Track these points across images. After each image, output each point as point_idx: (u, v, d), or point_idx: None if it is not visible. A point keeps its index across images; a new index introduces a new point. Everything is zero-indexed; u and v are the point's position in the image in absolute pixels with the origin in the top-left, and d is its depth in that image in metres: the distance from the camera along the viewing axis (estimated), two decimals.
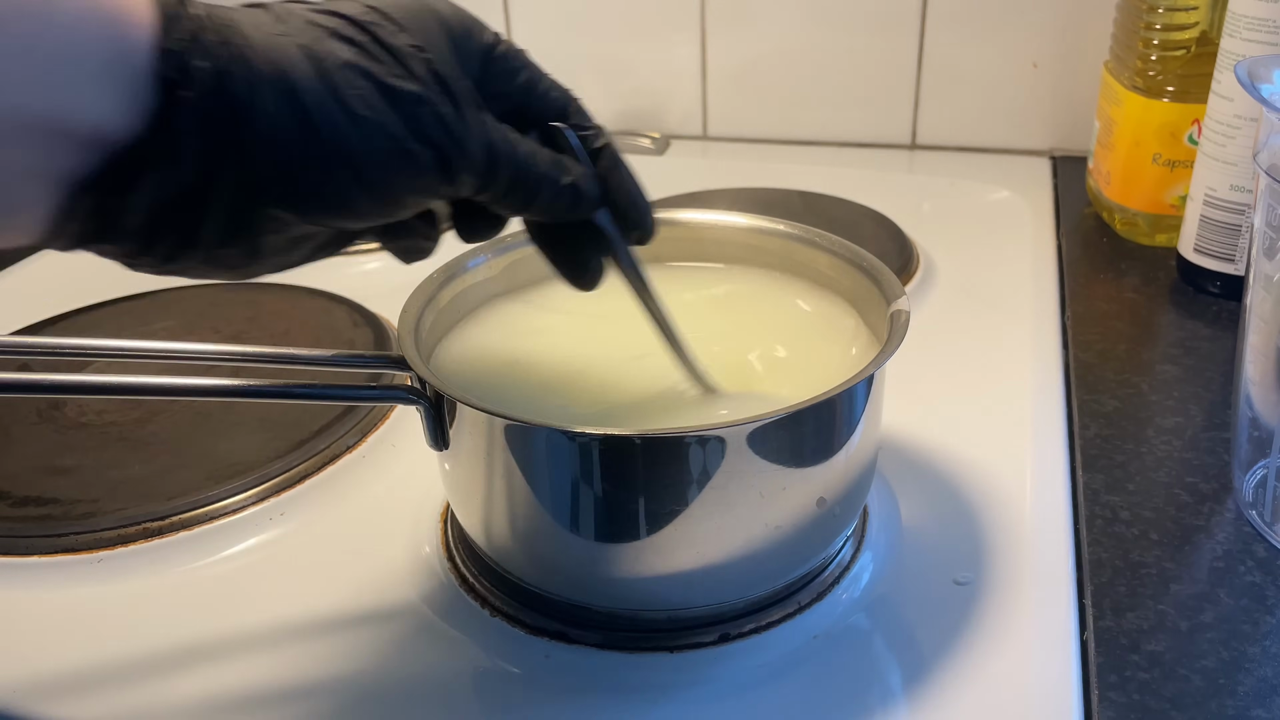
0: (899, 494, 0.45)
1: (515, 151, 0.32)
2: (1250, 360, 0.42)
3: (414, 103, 0.29)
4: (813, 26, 0.86)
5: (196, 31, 0.26)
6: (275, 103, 0.27)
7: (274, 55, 0.27)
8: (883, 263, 0.42)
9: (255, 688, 0.37)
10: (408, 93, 0.28)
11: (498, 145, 0.31)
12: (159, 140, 0.26)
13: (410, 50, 0.29)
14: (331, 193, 0.28)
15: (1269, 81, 0.40)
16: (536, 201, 0.33)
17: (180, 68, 0.26)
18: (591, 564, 0.36)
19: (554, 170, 0.33)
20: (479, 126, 0.30)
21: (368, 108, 0.28)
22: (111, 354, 0.36)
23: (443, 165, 0.30)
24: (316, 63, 0.27)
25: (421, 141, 0.29)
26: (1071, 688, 0.35)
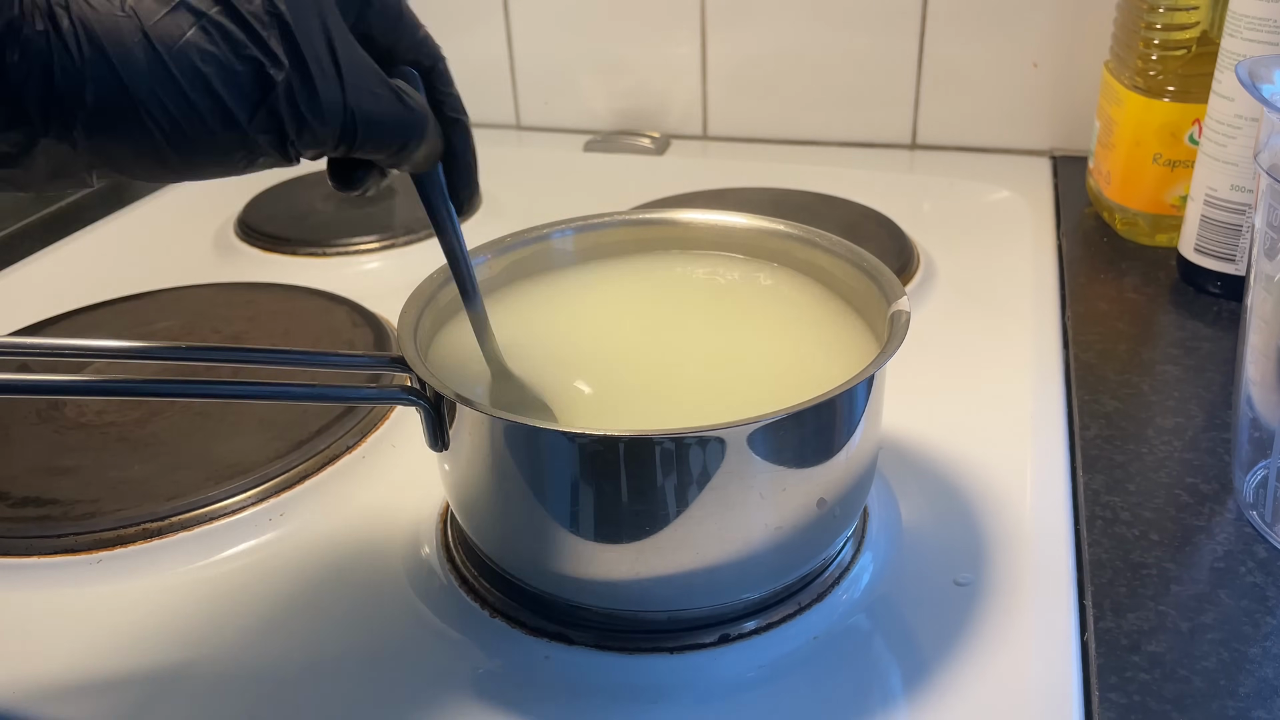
0: (899, 494, 0.45)
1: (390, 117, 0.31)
2: (1251, 361, 0.42)
3: (260, 88, 0.28)
4: (813, 26, 0.86)
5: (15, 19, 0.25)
6: (100, 86, 0.26)
7: (106, 40, 0.26)
8: (883, 263, 0.42)
9: (255, 688, 0.37)
10: (253, 78, 0.28)
11: (362, 113, 0.30)
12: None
13: (267, 19, 0.28)
14: (156, 167, 0.28)
15: (1270, 81, 0.40)
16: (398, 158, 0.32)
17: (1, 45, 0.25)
18: (591, 564, 0.36)
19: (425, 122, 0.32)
20: (336, 99, 0.29)
21: (206, 96, 0.27)
22: (111, 354, 0.36)
23: (284, 144, 0.29)
24: (152, 46, 0.26)
25: (262, 126, 0.28)
26: (1072, 688, 0.35)
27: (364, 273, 0.70)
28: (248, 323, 0.61)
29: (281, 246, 0.73)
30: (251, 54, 0.27)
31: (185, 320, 0.61)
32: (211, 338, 0.60)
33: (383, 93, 0.31)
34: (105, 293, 0.65)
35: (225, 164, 0.29)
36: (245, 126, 0.28)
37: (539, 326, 0.44)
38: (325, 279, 0.66)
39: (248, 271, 0.70)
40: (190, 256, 0.74)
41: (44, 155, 0.27)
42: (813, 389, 0.34)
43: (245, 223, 0.76)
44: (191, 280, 0.66)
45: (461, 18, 0.94)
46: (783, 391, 0.39)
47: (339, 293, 0.63)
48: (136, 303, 0.64)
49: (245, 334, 0.60)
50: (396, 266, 0.70)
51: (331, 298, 0.62)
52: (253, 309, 0.62)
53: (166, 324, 0.61)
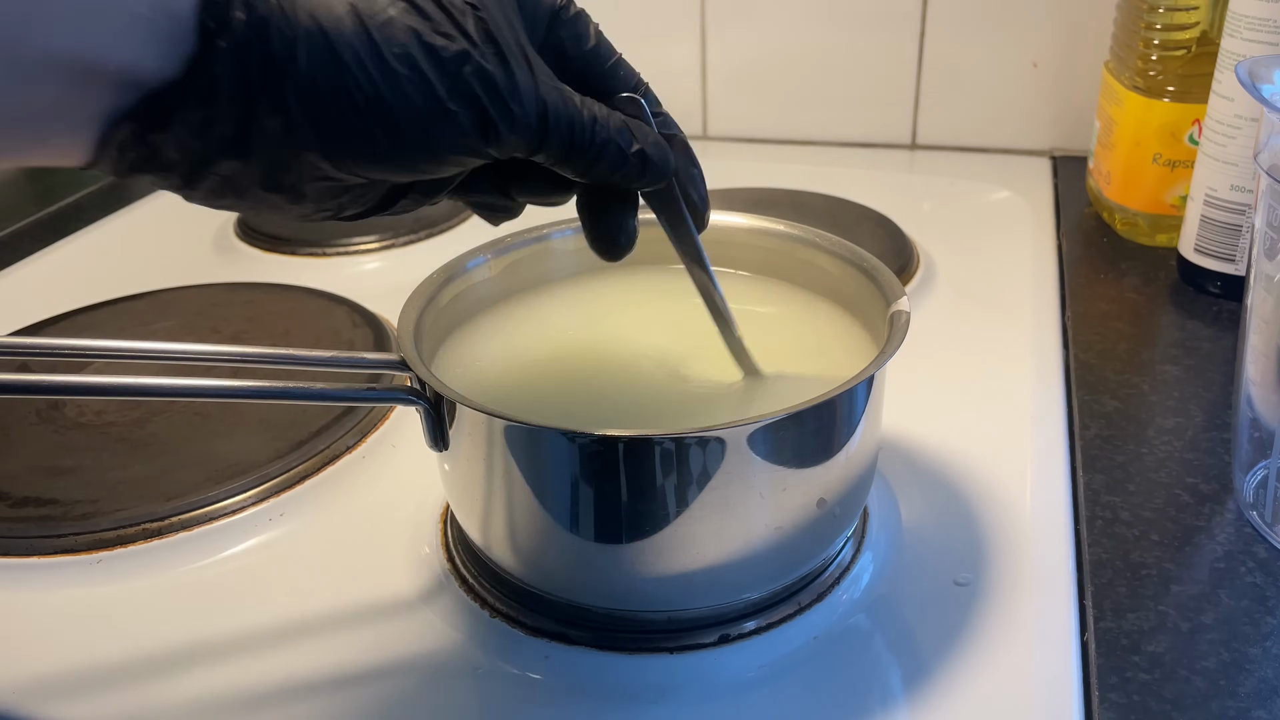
0: (899, 494, 0.45)
1: (574, 113, 0.31)
2: (1251, 361, 0.42)
3: (458, 61, 0.28)
4: (813, 26, 0.86)
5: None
6: (311, 57, 0.27)
7: (316, 9, 0.27)
8: (883, 263, 0.42)
9: (255, 688, 0.37)
10: (452, 52, 0.28)
11: (553, 106, 0.30)
12: (194, 85, 0.27)
13: (463, 6, 0.29)
14: (366, 147, 0.29)
15: (1270, 81, 0.40)
16: (600, 164, 0.32)
17: (219, 18, 0.26)
18: (591, 565, 0.36)
19: (621, 135, 0.32)
20: (530, 87, 0.30)
21: (407, 66, 0.28)
22: (111, 354, 0.36)
23: (484, 125, 0.29)
24: (359, 19, 0.28)
25: (462, 102, 0.29)
26: (1072, 689, 0.35)
27: (364, 273, 0.70)
28: (248, 323, 0.61)
29: (281, 246, 0.73)
30: (449, 31, 0.28)
31: (185, 320, 0.61)
32: (211, 338, 0.60)
33: (570, 95, 0.31)
34: (105, 293, 0.65)
35: (431, 148, 0.29)
36: (445, 98, 0.28)
37: (539, 327, 0.44)
38: (325, 279, 0.66)
39: (248, 271, 0.70)
40: (190, 256, 0.74)
41: (261, 139, 0.28)
42: (813, 389, 0.34)
43: (245, 223, 0.76)
44: (191, 280, 0.66)
45: None
46: (782, 392, 0.39)
47: (339, 293, 0.63)
48: (136, 303, 0.64)
49: (245, 334, 0.60)
50: (396, 266, 0.70)
51: (331, 298, 0.62)
52: (253, 309, 0.62)
53: (166, 324, 0.61)
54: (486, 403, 0.34)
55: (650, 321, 0.45)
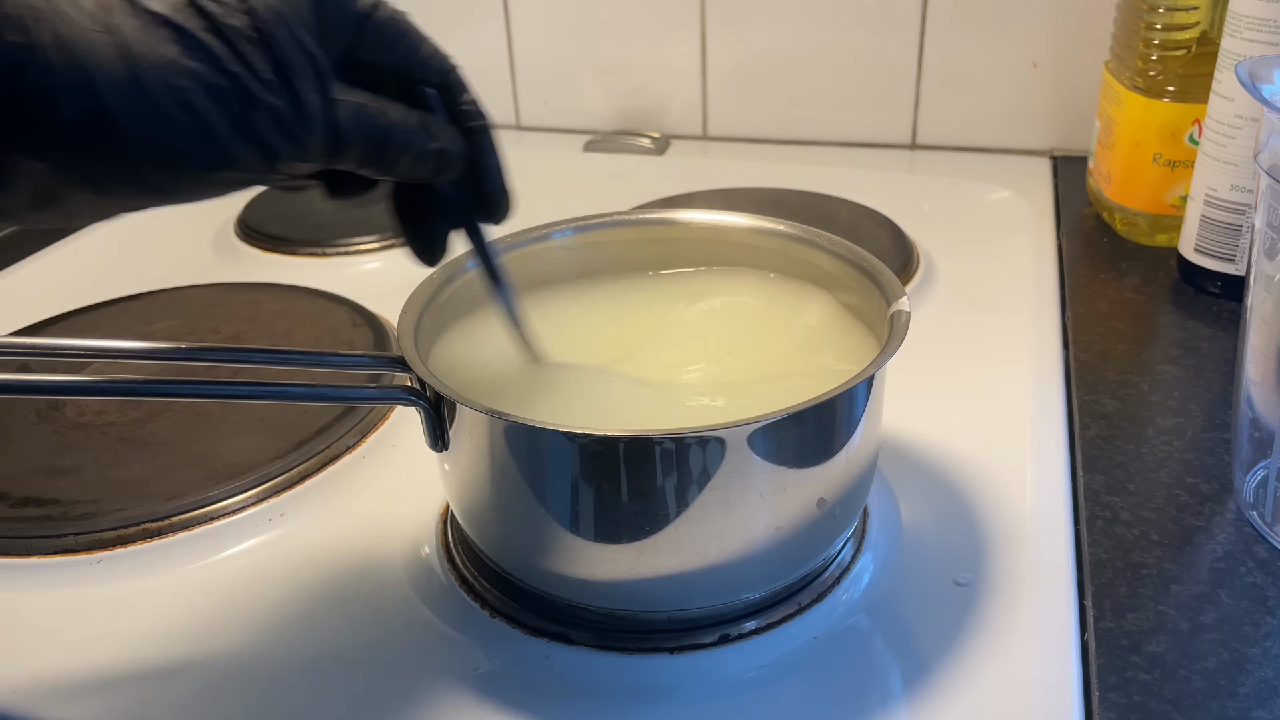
0: (899, 494, 0.45)
1: (370, 124, 0.31)
2: (1251, 361, 0.42)
3: (242, 102, 0.28)
4: (813, 26, 0.86)
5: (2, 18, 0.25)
6: (75, 102, 0.26)
7: (80, 51, 0.26)
8: (883, 263, 0.42)
9: (255, 688, 0.37)
10: (236, 93, 0.27)
11: (344, 123, 0.30)
12: None
13: (250, 33, 0.28)
14: (137, 185, 0.28)
15: (1270, 81, 0.40)
16: (398, 167, 0.32)
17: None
18: (591, 564, 0.36)
19: (418, 135, 0.32)
20: (319, 110, 0.29)
21: (186, 113, 0.27)
22: (111, 354, 0.36)
23: (269, 158, 0.29)
24: (129, 61, 0.26)
25: (246, 140, 0.28)
26: (1072, 689, 0.35)
27: (364, 273, 0.70)
28: (248, 323, 0.61)
29: (281, 246, 0.73)
30: (232, 68, 0.27)
31: (185, 320, 0.61)
32: (211, 338, 0.60)
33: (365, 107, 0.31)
34: (105, 293, 0.65)
35: (209, 183, 0.29)
36: (227, 142, 0.28)
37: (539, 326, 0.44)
38: (325, 279, 0.66)
39: (248, 271, 0.70)
40: (190, 256, 0.74)
41: (23, 176, 0.27)
42: (813, 389, 0.34)
43: (245, 223, 0.76)
44: (191, 280, 0.66)
45: (461, 18, 0.94)
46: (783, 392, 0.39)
47: (339, 293, 0.63)
48: (136, 303, 0.64)
49: (245, 334, 0.60)
50: (396, 266, 0.70)
51: (331, 298, 0.62)
52: (253, 309, 0.62)
53: (166, 324, 0.61)
54: (486, 402, 0.34)
55: (650, 318, 0.45)
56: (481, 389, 0.40)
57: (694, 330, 0.44)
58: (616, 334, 0.44)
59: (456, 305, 0.43)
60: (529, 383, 0.41)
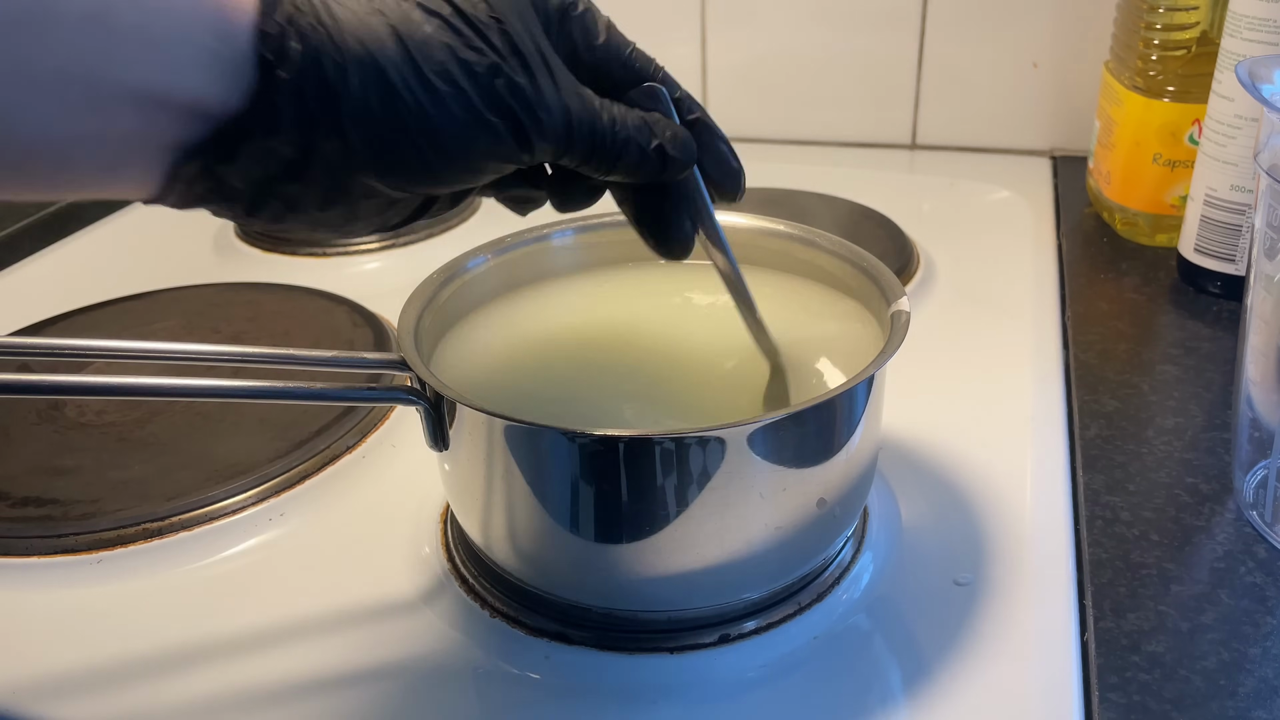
0: (899, 494, 0.45)
1: (594, 116, 0.32)
2: (1251, 361, 0.42)
3: (490, 74, 0.30)
4: (813, 26, 0.86)
5: (292, 14, 0.28)
6: (363, 81, 0.28)
7: (363, 35, 0.28)
8: (883, 263, 0.42)
9: (255, 688, 0.37)
10: (484, 65, 0.30)
11: (574, 112, 0.31)
12: (258, 116, 0.28)
13: (488, 20, 0.30)
14: (416, 162, 0.30)
15: (1270, 81, 0.40)
16: (621, 164, 0.33)
17: (277, 50, 0.27)
18: (591, 565, 0.36)
19: (640, 133, 0.33)
20: (554, 94, 0.31)
21: (447, 82, 0.29)
22: (111, 354, 0.36)
23: (518, 134, 0.30)
24: (400, 41, 0.29)
25: (497, 112, 0.30)
26: (1072, 689, 0.35)
27: (364, 273, 0.70)
28: (248, 323, 0.61)
29: (281, 246, 0.73)
30: (479, 45, 0.30)
31: (185, 320, 0.61)
32: (211, 338, 0.60)
33: (590, 99, 0.32)
34: (105, 293, 0.65)
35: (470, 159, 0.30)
36: (482, 111, 0.30)
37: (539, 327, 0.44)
38: (325, 279, 0.66)
39: (248, 271, 0.70)
40: (190, 256, 0.74)
41: (319, 162, 0.29)
42: (813, 389, 0.34)
43: None
44: (191, 280, 0.66)
45: None
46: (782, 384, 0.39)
47: (339, 293, 0.63)
48: (136, 303, 0.64)
49: (245, 334, 0.60)
50: (396, 266, 0.70)
51: (331, 298, 0.62)
52: (253, 309, 0.62)
53: (166, 324, 0.61)
54: (486, 403, 0.34)
55: (650, 318, 0.45)
56: (481, 389, 0.40)
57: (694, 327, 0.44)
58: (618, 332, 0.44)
59: (456, 305, 0.43)
60: (529, 382, 0.41)
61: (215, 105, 0.27)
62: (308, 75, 0.28)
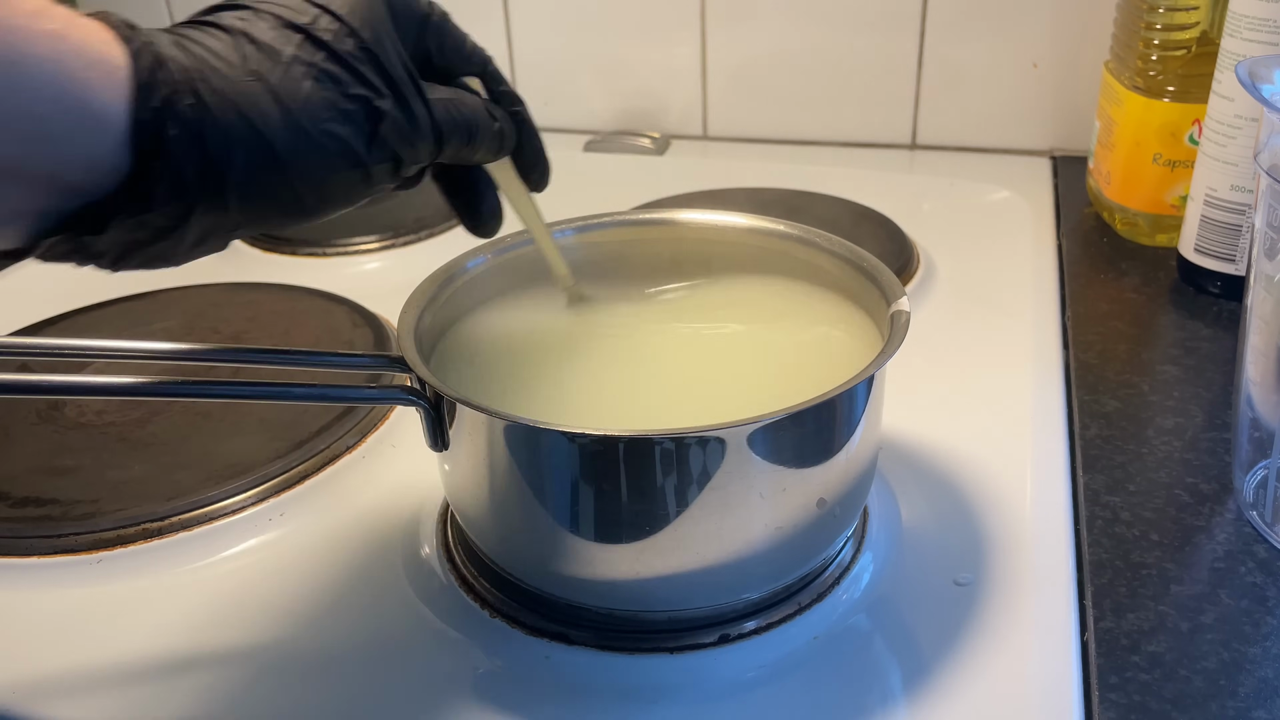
0: (899, 494, 0.45)
1: (458, 116, 0.33)
2: (1251, 361, 0.42)
3: (373, 121, 0.30)
4: (813, 26, 0.86)
5: (169, 97, 0.27)
6: (248, 156, 0.28)
7: (244, 108, 0.28)
8: (883, 263, 0.42)
9: (255, 688, 0.37)
10: (365, 112, 0.30)
11: (441, 121, 0.33)
12: (132, 195, 0.27)
13: (360, 54, 0.30)
14: (297, 212, 0.31)
15: (1270, 81, 0.40)
16: (479, 152, 0.35)
17: (153, 138, 0.27)
18: (591, 564, 0.36)
19: (487, 119, 0.35)
20: (425, 118, 0.32)
21: (330, 137, 0.29)
22: (111, 354, 0.36)
23: (396, 166, 0.32)
24: (282, 106, 0.28)
25: (379, 154, 0.31)
26: (1072, 689, 0.35)
27: (364, 273, 0.70)
28: (248, 323, 0.61)
29: (281, 246, 0.73)
30: (356, 91, 0.30)
31: (185, 320, 0.61)
32: (211, 338, 0.60)
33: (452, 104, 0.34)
34: (105, 293, 0.65)
35: (349, 199, 0.32)
36: (365, 158, 0.30)
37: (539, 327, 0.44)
38: (325, 279, 0.66)
39: (248, 271, 0.70)
40: None
41: (196, 224, 0.29)
42: (813, 389, 0.34)
43: None
44: (191, 280, 0.66)
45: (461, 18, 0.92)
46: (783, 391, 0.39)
47: (339, 293, 0.63)
48: (136, 303, 0.64)
49: (245, 334, 0.60)
50: (396, 266, 0.70)
51: (331, 298, 0.62)
52: (253, 309, 0.62)
53: (166, 324, 0.61)
54: (486, 403, 0.34)
55: (650, 318, 0.45)
56: (481, 389, 0.40)
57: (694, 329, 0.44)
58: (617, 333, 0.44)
59: (456, 305, 0.43)
60: (529, 382, 0.41)
61: (84, 184, 0.27)
62: (187, 158, 0.27)
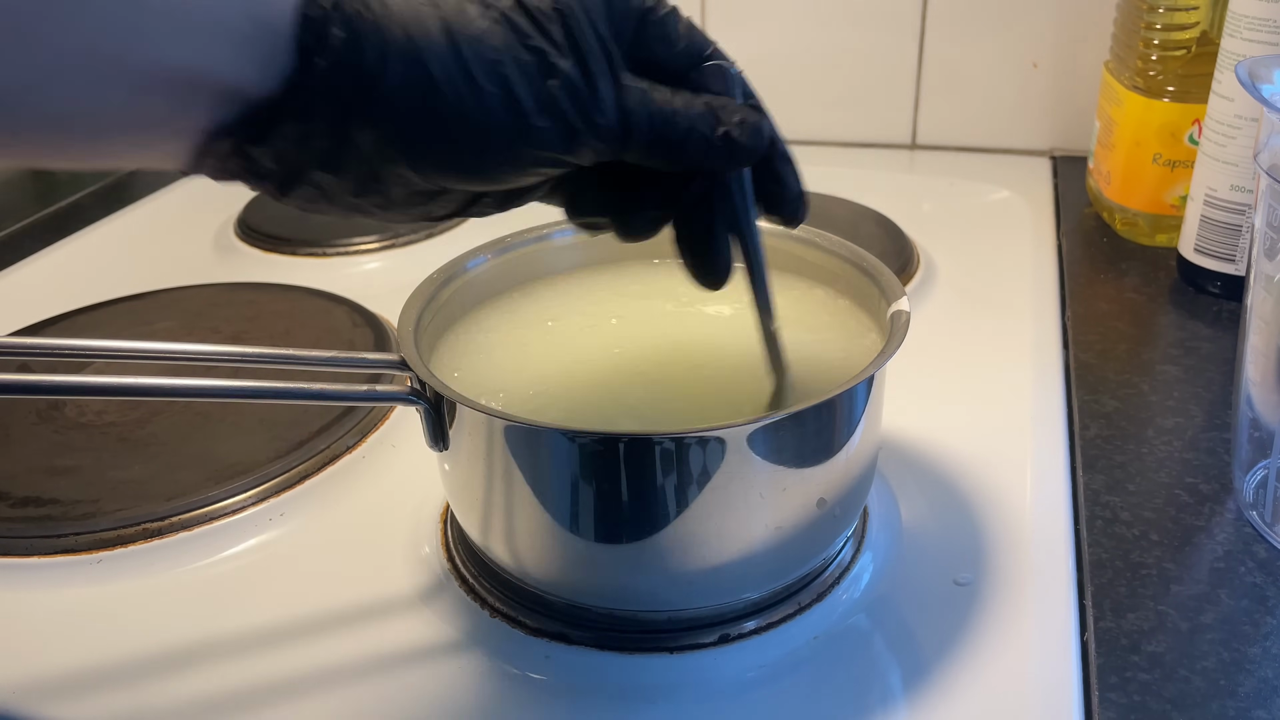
0: (899, 494, 0.45)
1: (656, 108, 0.31)
2: (1251, 361, 0.42)
3: (544, 75, 0.29)
4: (813, 26, 0.86)
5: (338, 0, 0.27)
6: (404, 73, 0.28)
7: (409, 25, 0.28)
8: (883, 263, 0.42)
9: (255, 688, 0.37)
10: (538, 65, 0.29)
11: (634, 109, 0.30)
12: (292, 100, 0.27)
13: (551, 12, 0.29)
14: (452, 158, 0.29)
15: (1269, 81, 0.40)
16: (685, 154, 0.31)
17: (317, 36, 0.27)
18: (591, 565, 0.36)
19: (703, 120, 0.31)
20: (610, 93, 0.30)
21: (495, 82, 0.28)
22: (111, 354, 0.36)
23: (567, 138, 0.29)
24: (450, 35, 0.28)
25: (547, 116, 0.29)
26: (1072, 688, 0.35)
27: (364, 273, 0.70)
28: (248, 323, 0.61)
29: (281, 246, 0.73)
30: (537, 43, 0.29)
31: (185, 320, 0.61)
32: (211, 338, 0.60)
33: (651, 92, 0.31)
34: (105, 293, 0.65)
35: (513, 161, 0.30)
36: (530, 114, 0.29)
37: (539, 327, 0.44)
38: (325, 279, 0.66)
39: (248, 271, 0.70)
40: (190, 256, 0.74)
41: (352, 151, 0.28)
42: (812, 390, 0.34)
43: (245, 223, 0.76)
44: (191, 280, 0.66)
45: None
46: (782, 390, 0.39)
47: (339, 293, 0.63)
48: (136, 303, 0.64)
49: (245, 334, 0.60)
50: (396, 266, 0.70)
51: (331, 298, 0.62)
52: (253, 309, 0.62)
53: (166, 324, 0.61)
54: (486, 401, 0.34)
55: (650, 318, 0.45)
56: (481, 389, 0.40)
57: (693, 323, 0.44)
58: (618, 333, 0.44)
59: (457, 305, 0.43)
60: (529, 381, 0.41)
61: (248, 88, 0.27)
62: (346, 64, 0.27)
